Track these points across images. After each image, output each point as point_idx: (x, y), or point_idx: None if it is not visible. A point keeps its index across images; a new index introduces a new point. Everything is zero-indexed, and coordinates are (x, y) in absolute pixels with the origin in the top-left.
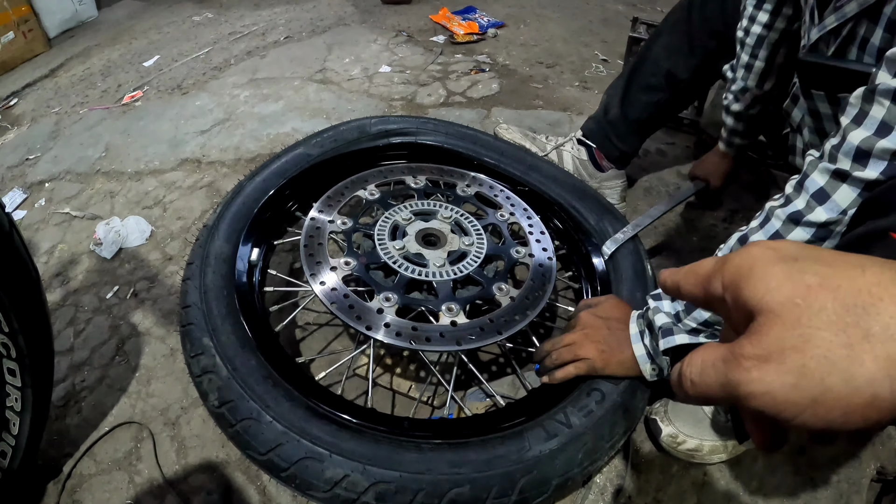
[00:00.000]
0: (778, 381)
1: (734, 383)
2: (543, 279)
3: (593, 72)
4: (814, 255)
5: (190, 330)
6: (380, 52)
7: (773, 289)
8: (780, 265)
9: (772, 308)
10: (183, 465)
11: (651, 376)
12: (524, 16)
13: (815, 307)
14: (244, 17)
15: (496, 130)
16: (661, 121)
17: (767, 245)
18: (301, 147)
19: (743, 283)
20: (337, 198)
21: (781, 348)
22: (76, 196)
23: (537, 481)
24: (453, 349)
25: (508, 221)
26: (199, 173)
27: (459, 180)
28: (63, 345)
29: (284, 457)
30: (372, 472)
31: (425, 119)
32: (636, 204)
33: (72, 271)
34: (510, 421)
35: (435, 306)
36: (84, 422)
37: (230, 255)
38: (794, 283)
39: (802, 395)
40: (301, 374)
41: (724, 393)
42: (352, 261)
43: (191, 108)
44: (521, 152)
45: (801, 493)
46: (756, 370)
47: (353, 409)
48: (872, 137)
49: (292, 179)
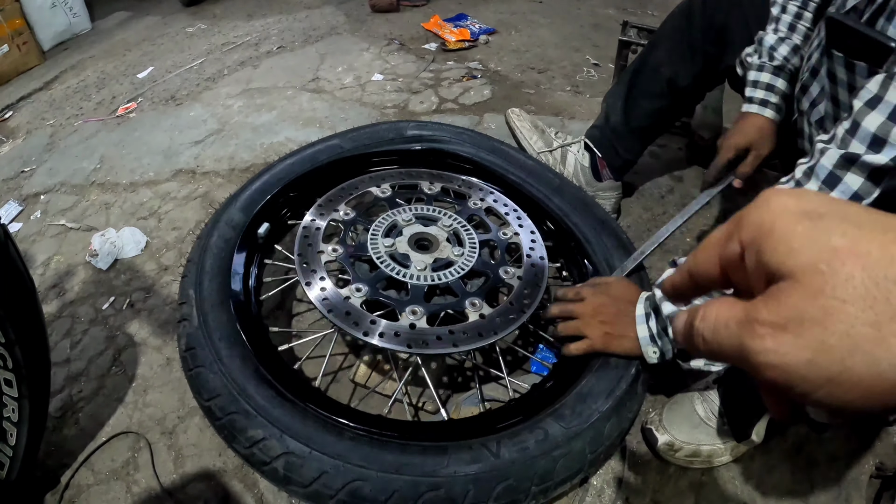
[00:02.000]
0: (793, 355)
1: (747, 350)
2: (523, 305)
3: (585, 76)
4: (841, 211)
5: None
6: (372, 61)
7: (796, 250)
8: (804, 223)
9: (793, 272)
10: (180, 475)
11: (652, 359)
12: (515, 22)
13: (841, 275)
14: (237, 27)
15: (507, 114)
16: (662, 128)
17: (790, 196)
18: (336, 139)
19: (764, 241)
20: (350, 191)
21: (800, 319)
22: (72, 208)
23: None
24: (394, 348)
25: (510, 240)
26: (194, 184)
27: (474, 192)
28: (60, 356)
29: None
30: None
31: (461, 129)
32: (629, 207)
33: (68, 282)
34: (434, 433)
35: (400, 307)
36: (81, 432)
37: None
38: (819, 246)
39: (819, 374)
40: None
41: (735, 356)
42: (339, 248)
43: (185, 119)
44: (549, 173)
45: (800, 492)
46: (771, 339)
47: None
48: (888, 122)
49: (323, 166)
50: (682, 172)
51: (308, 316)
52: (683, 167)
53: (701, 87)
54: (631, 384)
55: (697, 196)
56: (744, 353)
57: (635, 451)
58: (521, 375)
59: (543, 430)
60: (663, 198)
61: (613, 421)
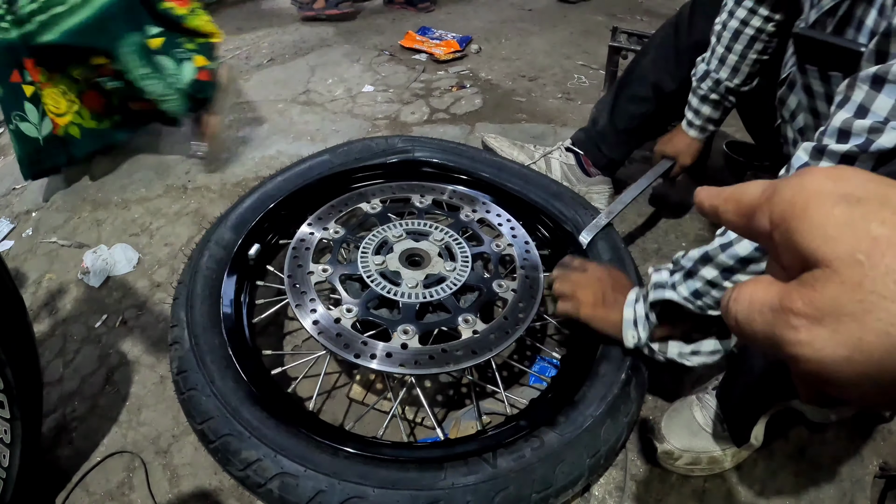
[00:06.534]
0: (829, 351)
1: (781, 340)
2: (517, 318)
3: (576, 83)
4: (882, 194)
5: None
6: (362, 72)
7: (832, 238)
8: (841, 206)
9: (829, 262)
10: (176, 494)
11: (629, 343)
12: (505, 30)
13: (881, 268)
14: (227, 41)
15: (483, 139)
16: (649, 132)
17: (827, 175)
18: (360, 143)
19: (796, 223)
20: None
21: (837, 313)
22: (63, 225)
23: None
24: (386, 370)
25: (503, 252)
26: (185, 199)
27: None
28: (53, 375)
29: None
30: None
31: (477, 149)
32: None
33: (60, 301)
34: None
35: (392, 327)
36: (75, 452)
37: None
38: (858, 234)
39: (856, 372)
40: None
41: (768, 344)
42: (329, 268)
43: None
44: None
45: (804, 495)
46: (806, 332)
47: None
48: (851, 118)
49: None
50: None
51: (302, 333)
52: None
53: (687, 92)
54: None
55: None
56: (777, 343)
57: (636, 461)
58: (518, 389)
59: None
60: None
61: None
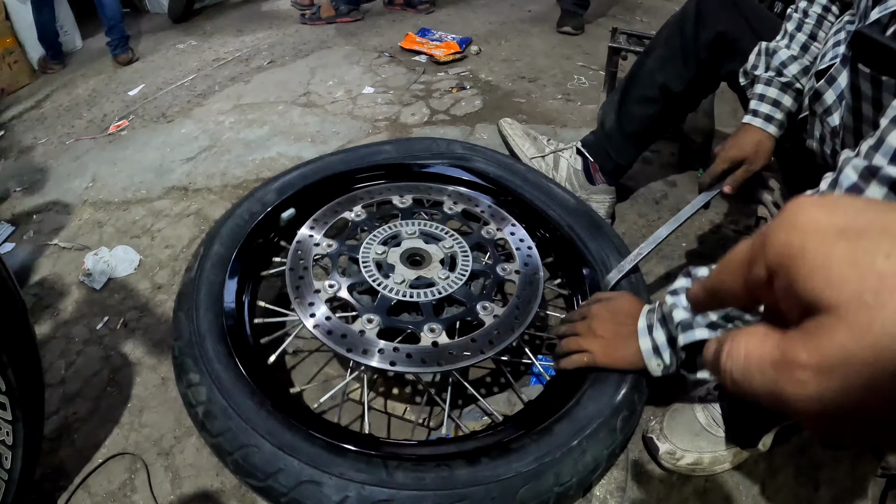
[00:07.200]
0: (840, 402)
1: (785, 396)
2: (512, 324)
3: (576, 84)
4: (881, 222)
5: None
6: (363, 74)
7: (836, 280)
8: (841, 243)
9: (835, 307)
10: (178, 495)
11: (656, 372)
12: (505, 32)
13: (890, 308)
14: (227, 43)
15: (499, 123)
16: (656, 133)
17: (818, 208)
18: (389, 144)
19: (795, 267)
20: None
21: (847, 362)
22: (64, 227)
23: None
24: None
25: (507, 276)
26: (187, 201)
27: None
28: (54, 377)
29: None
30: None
31: (533, 170)
32: (624, 213)
33: (61, 303)
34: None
35: (361, 313)
36: (77, 454)
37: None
38: (862, 273)
39: (871, 417)
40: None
41: (770, 400)
42: (334, 244)
43: (176, 135)
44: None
45: (805, 494)
46: (814, 385)
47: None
48: None
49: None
50: (675, 177)
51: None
52: (677, 172)
53: (695, 93)
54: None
55: (692, 200)
56: (781, 399)
57: (637, 461)
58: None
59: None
60: (658, 203)
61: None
